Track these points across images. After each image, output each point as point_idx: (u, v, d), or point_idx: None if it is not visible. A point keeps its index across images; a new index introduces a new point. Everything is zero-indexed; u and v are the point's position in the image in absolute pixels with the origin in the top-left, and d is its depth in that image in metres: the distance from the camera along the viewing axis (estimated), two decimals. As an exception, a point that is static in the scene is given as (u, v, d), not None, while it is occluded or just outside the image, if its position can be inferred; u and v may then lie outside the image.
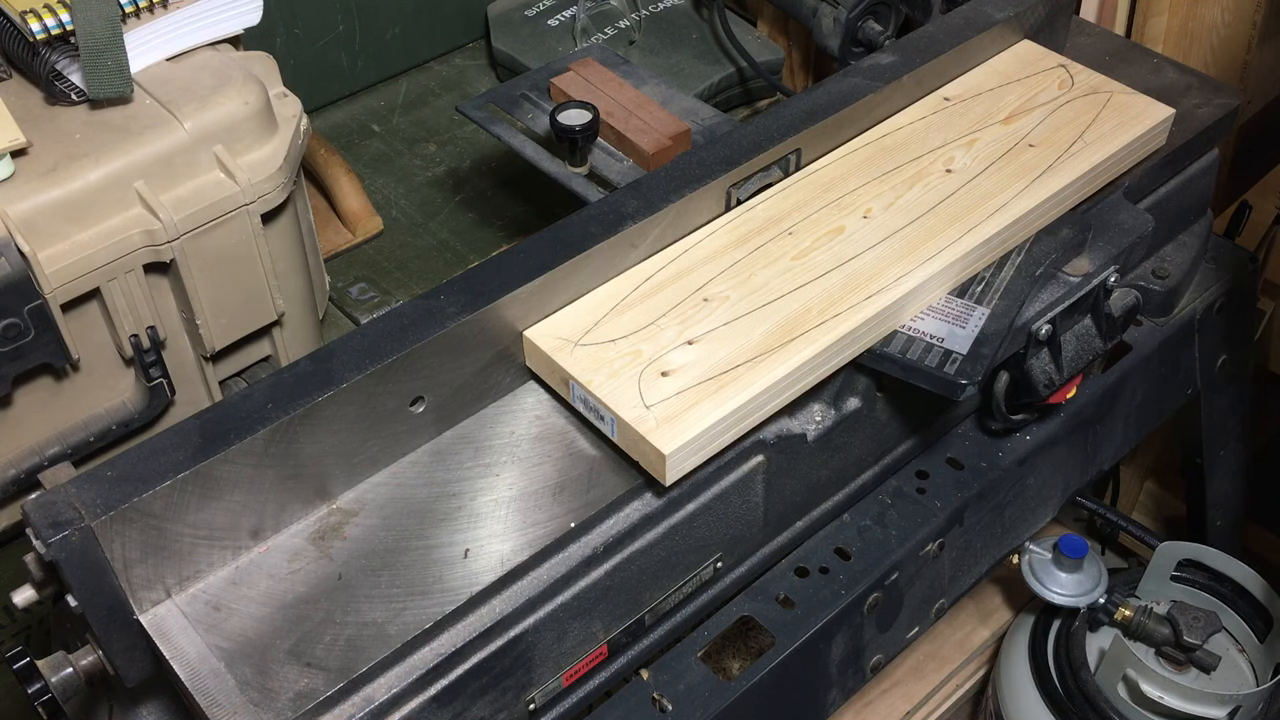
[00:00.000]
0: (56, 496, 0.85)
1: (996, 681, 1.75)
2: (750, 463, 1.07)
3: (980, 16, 1.34)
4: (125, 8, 1.33)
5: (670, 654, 1.13)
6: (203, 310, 1.35)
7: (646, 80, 1.52)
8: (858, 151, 1.24)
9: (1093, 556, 1.58)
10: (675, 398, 0.99)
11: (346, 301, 1.71)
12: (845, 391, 1.14)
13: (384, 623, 0.90)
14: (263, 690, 0.86)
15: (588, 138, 1.39)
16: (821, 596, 1.15)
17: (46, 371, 1.30)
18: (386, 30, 2.04)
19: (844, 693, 1.23)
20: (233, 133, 1.31)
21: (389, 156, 1.96)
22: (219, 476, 0.90)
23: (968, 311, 1.12)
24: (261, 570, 0.94)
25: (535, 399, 1.07)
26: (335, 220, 1.82)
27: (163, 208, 1.27)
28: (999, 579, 1.97)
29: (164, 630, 0.90)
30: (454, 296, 1.01)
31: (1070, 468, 1.36)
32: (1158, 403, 1.45)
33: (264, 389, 0.94)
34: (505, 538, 0.96)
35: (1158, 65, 1.41)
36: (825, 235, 1.14)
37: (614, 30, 2.03)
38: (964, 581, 1.31)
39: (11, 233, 1.19)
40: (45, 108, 1.31)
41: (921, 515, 1.21)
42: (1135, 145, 1.26)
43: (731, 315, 1.07)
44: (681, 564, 1.07)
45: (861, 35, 1.76)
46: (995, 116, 1.28)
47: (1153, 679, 1.55)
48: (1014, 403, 1.21)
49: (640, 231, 1.10)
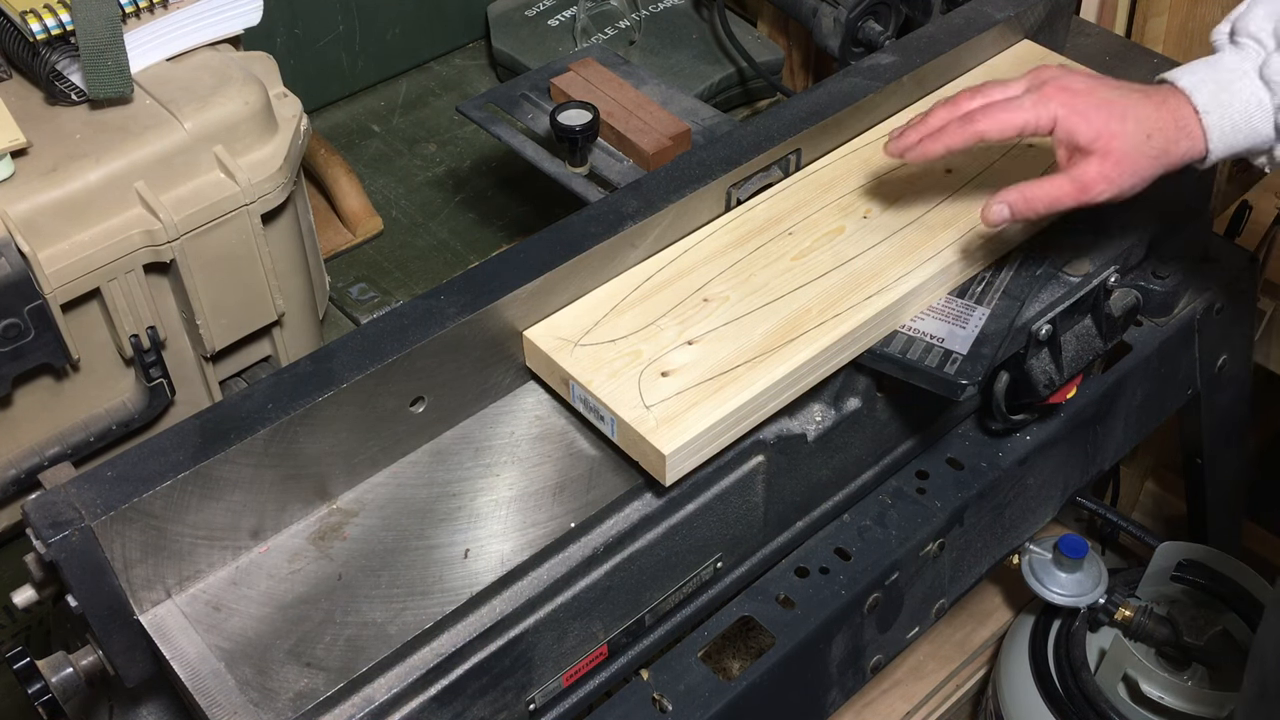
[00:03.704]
0: (56, 496, 0.85)
1: (996, 681, 1.75)
2: (750, 463, 1.07)
3: (980, 16, 1.34)
4: (125, 8, 1.33)
5: (670, 654, 1.13)
6: (203, 310, 1.35)
7: (646, 80, 1.52)
8: (858, 152, 1.24)
9: (1093, 556, 1.58)
10: (675, 398, 0.99)
11: (346, 301, 1.71)
12: (845, 391, 1.14)
13: (384, 623, 0.90)
14: (263, 690, 0.86)
15: (588, 138, 1.39)
16: (821, 596, 1.15)
17: (46, 371, 1.30)
18: (386, 30, 2.04)
19: (844, 693, 1.23)
20: (233, 133, 1.31)
21: (389, 156, 1.96)
22: (219, 476, 0.90)
23: (968, 311, 1.12)
24: (261, 570, 0.94)
25: (535, 399, 1.07)
26: (335, 220, 1.82)
27: (163, 208, 1.27)
28: (999, 579, 1.97)
29: (164, 630, 0.90)
30: (454, 296, 1.01)
31: (1070, 468, 1.36)
32: (1158, 403, 1.45)
33: (264, 389, 0.93)
34: (505, 538, 0.96)
35: (1158, 65, 1.41)
36: (825, 235, 1.14)
37: (614, 30, 2.03)
38: (964, 581, 1.31)
39: (11, 233, 1.19)
40: (45, 108, 1.31)
41: (921, 515, 1.21)
42: (1135, 145, 1.26)
43: (731, 315, 1.06)
44: (681, 564, 1.07)
45: (861, 35, 1.76)
46: (995, 116, 1.28)
47: (1153, 679, 1.55)
48: (1014, 403, 1.21)
49: (640, 231, 1.10)
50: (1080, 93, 0.99)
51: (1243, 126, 0.97)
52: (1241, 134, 0.97)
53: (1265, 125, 0.97)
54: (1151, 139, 0.97)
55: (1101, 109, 0.98)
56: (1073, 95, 0.98)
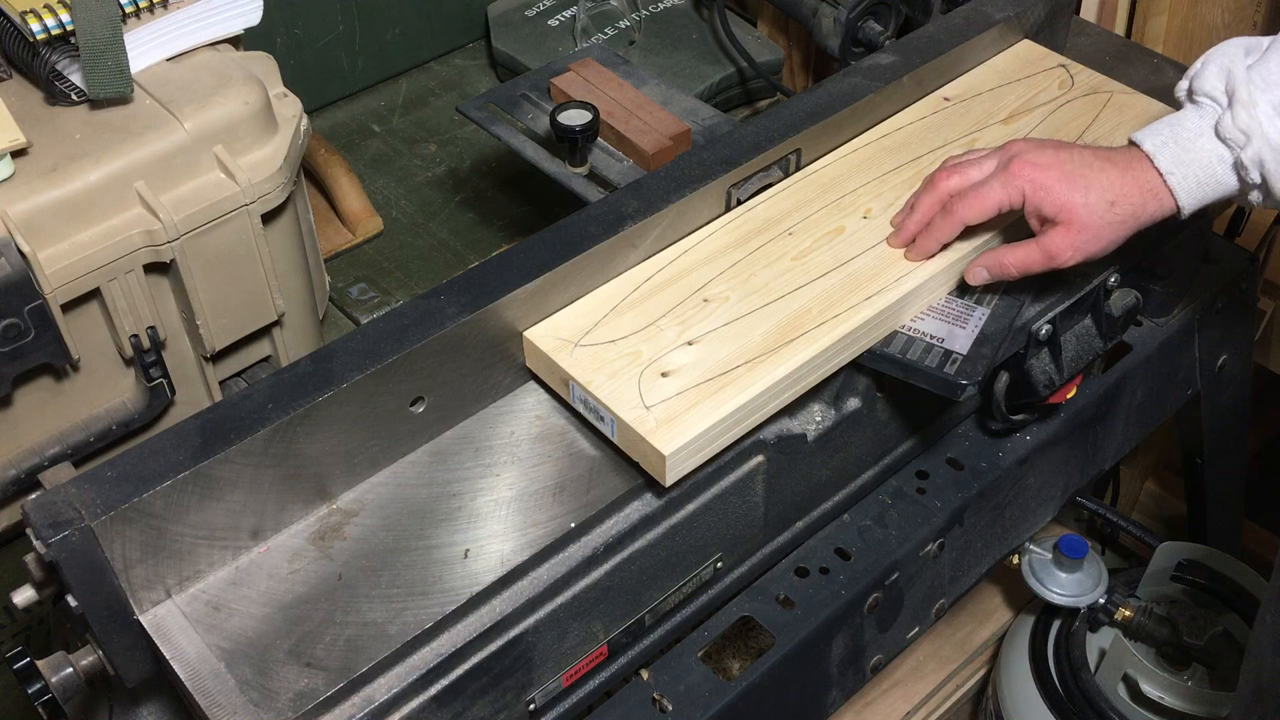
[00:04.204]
0: (56, 496, 0.85)
1: (996, 681, 1.75)
2: (750, 463, 1.07)
3: (980, 16, 1.34)
4: (125, 8, 1.33)
5: (670, 654, 1.13)
6: (203, 310, 1.35)
7: (646, 80, 1.52)
8: (858, 152, 1.24)
9: (1093, 556, 1.58)
10: (675, 398, 0.99)
11: (346, 301, 1.71)
12: (845, 392, 1.14)
13: (384, 623, 0.90)
14: (263, 690, 0.86)
15: (588, 138, 1.39)
16: (821, 596, 1.15)
17: (46, 371, 1.30)
18: (386, 30, 2.04)
19: (844, 693, 1.23)
20: (233, 133, 1.31)
21: (389, 156, 1.96)
22: (219, 476, 0.90)
23: (968, 311, 1.12)
24: (261, 570, 0.94)
25: (535, 399, 1.07)
26: (335, 220, 1.82)
27: (163, 208, 1.27)
28: (999, 579, 1.98)
29: (164, 630, 0.90)
30: (454, 296, 1.01)
31: (1070, 468, 1.36)
32: (1158, 403, 1.45)
33: (264, 389, 0.93)
34: (505, 538, 0.96)
35: (1158, 65, 1.41)
36: (825, 235, 1.14)
37: (614, 30, 2.03)
38: (964, 581, 1.31)
39: (11, 233, 1.19)
40: (45, 108, 1.31)
41: (921, 515, 1.21)
42: (1135, 145, 1.26)
43: (731, 316, 1.06)
44: (681, 564, 1.07)
45: (861, 35, 1.76)
46: (995, 116, 1.28)
47: (1153, 679, 1.55)
48: (1014, 403, 1.21)
49: (640, 232, 1.10)
50: (1045, 167, 1.04)
51: (1208, 182, 1.01)
52: (1209, 188, 1.02)
53: (1229, 178, 1.01)
54: (1115, 206, 1.02)
55: (1064, 183, 1.03)
56: (1037, 170, 1.03)
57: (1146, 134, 1.03)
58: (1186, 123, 1.02)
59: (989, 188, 1.05)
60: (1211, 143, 1.01)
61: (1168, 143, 1.02)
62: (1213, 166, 1.01)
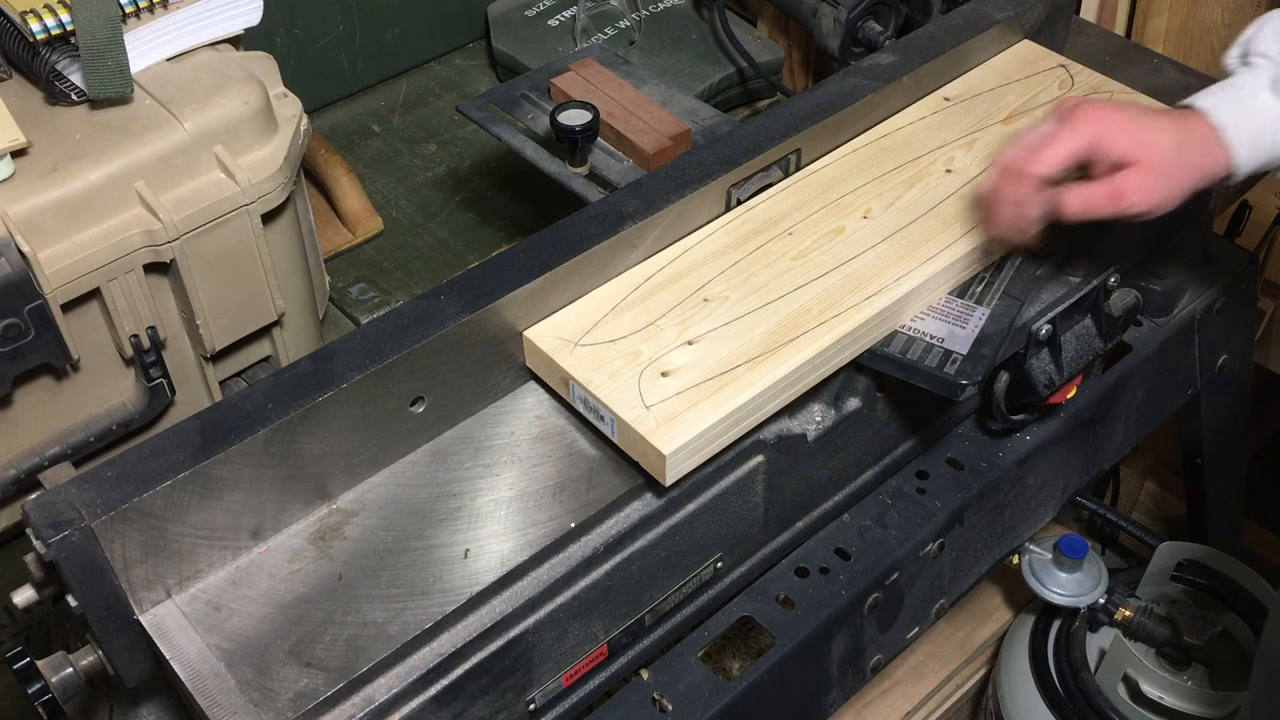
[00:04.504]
0: (56, 496, 0.85)
1: (996, 681, 1.75)
2: (750, 463, 1.07)
3: (980, 16, 1.34)
4: (125, 8, 1.33)
5: (670, 654, 1.13)
6: (203, 310, 1.35)
7: (646, 80, 1.52)
8: (858, 152, 1.24)
9: (1093, 556, 1.58)
10: (675, 398, 0.99)
11: (346, 301, 1.71)
12: (845, 391, 1.14)
13: (384, 623, 0.90)
14: (263, 690, 0.86)
15: (588, 138, 1.39)
16: (821, 596, 1.15)
17: (46, 371, 1.30)
18: (386, 30, 2.04)
19: (844, 693, 1.23)
20: (233, 133, 1.31)
21: (389, 156, 1.96)
22: (219, 476, 0.90)
23: (968, 311, 1.12)
24: (261, 570, 0.94)
25: (535, 399, 1.07)
26: (335, 220, 1.82)
27: (163, 208, 1.27)
28: (999, 579, 1.98)
29: (164, 630, 0.90)
30: (454, 296, 1.01)
31: (1070, 468, 1.36)
32: (1158, 403, 1.45)
33: (264, 389, 0.93)
34: (505, 538, 0.96)
35: (1158, 65, 1.41)
36: (825, 235, 1.14)
37: (614, 30, 2.03)
38: (964, 581, 1.31)
39: (11, 233, 1.19)
40: (45, 108, 1.31)
41: (921, 515, 1.21)
42: (1135, 145, 1.26)
43: (731, 315, 1.07)
44: (681, 564, 1.07)
45: (861, 35, 1.76)
46: (996, 117, 1.28)
47: (1153, 679, 1.55)
48: (1014, 403, 1.21)
49: (640, 232, 1.10)
50: (1111, 109, 1.01)
51: (1263, 139, 0.99)
52: (1264, 147, 1.00)
53: None
54: (1183, 153, 0.99)
55: (1133, 123, 0.99)
56: (1103, 114, 1.00)
57: (1200, 95, 1.01)
58: (1240, 82, 1.01)
59: (1057, 138, 1.00)
60: (1269, 98, 0.98)
61: (1222, 101, 1.00)
62: (1267, 124, 0.98)
